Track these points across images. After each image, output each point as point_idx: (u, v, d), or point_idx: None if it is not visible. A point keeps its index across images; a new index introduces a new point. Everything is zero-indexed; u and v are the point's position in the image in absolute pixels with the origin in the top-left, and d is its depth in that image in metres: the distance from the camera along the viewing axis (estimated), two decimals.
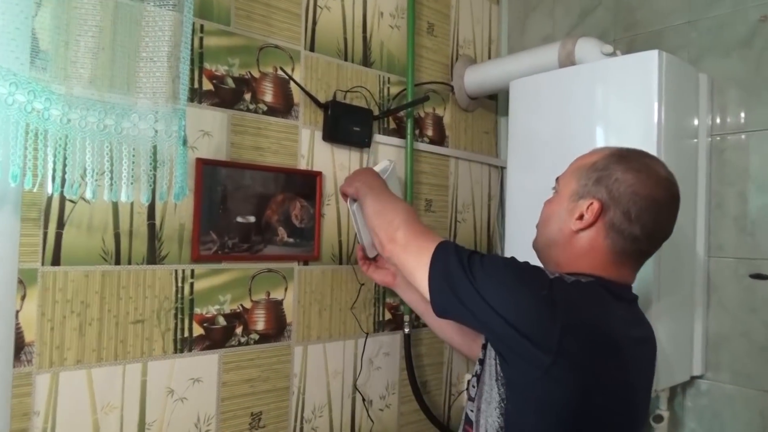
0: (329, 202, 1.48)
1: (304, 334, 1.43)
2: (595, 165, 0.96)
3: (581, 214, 0.94)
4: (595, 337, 0.87)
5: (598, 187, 0.93)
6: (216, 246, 1.27)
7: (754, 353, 1.45)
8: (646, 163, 0.95)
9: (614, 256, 0.94)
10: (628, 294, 0.98)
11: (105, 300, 1.13)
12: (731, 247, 1.50)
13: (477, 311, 0.89)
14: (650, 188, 0.92)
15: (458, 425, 1.75)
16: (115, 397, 1.14)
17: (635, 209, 0.91)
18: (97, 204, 1.11)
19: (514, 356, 0.88)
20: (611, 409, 0.89)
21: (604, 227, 0.93)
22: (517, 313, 0.85)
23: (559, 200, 0.99)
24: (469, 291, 0.90)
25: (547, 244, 1.01)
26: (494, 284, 0.89)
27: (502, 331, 0.87)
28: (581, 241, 0.95)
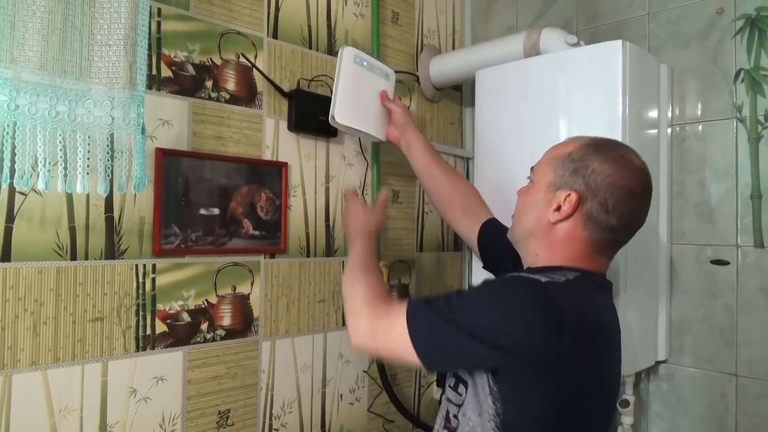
0: (295, 193, 1.45)
1: (271, 329, 1.39)
2: (571, 155, 0.95)
3: (559, 205, 0.94)
4: (596, 338, 0.89)
5: (576, 178, 0.93)
6: (178, 239, 1.22)
7: (715, 337, 1.49)
8: (622, 153, 0.95)
9: (592, 247, 0.94)
10: (605, 282, 0.99)
11: (61, 297, 1.07)
12: (692, 233, 1.54)
13: (474, 352, 0.86)
14: (627, 179, 0.92)
15: (429, 417, 1.75)
16: (74, 399, 1.08)
17: (612, 200, 0.91)
18: (50, 196, 1.05)
19: (515, 375, 0.86)
20: (602, 401, 0.92)
21: (582, 218, 0.93)
22: (518, 338, 0.83)
23: (536, 191, 0.99)
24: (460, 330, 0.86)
25: (525, 235, 1.01)
26: (485, 312, 0.85)
27: (506, 361, 0.85)
28: (559, 232, 0.95)
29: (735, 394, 1.45)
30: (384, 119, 1.47)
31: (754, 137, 1.45)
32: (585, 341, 0.87)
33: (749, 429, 1.42)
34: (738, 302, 1.45)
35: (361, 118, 1.41)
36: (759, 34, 1.44)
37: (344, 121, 1.36)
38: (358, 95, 1.40)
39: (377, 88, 1.45)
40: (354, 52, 1.38)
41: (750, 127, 1.45)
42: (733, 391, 1.45)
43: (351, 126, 1.38)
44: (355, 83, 1.39)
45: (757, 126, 1.44)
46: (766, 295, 1.41)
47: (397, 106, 1.45)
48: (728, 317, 1.46)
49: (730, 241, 1.47)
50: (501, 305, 0.85)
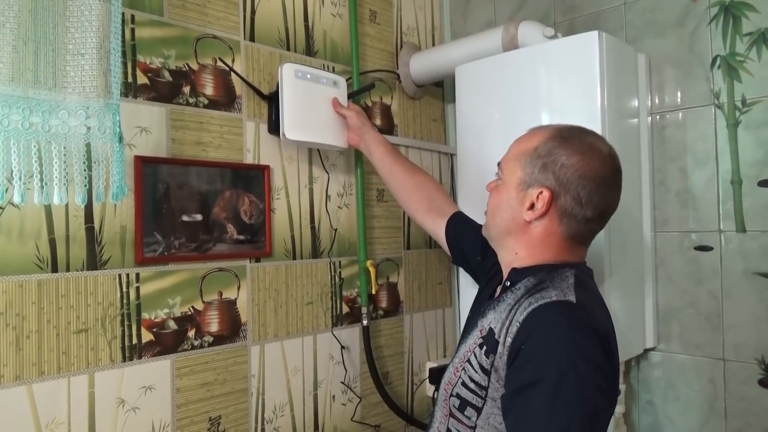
0: (279, 196, 1.44)
1: (260, 333, 1.39)
2: (537, 150, 0.94)
3: (532, 204, 0.93)
4: (610, 338, 0.88)
5: (545, 174, 0.92)
6: (161, 247, 1.21)
7: (702, 322, 1.50)
8: (589, 142, 0.94)
9: (570, 240, 0.95)
10: (589, 270, 1.00)
11: (43, 310, 1.06)
12: (675, 221, 1.55)
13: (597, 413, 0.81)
14: (596, 169, 0.92)
15: (422, 414, 1.76)
16: (61, 413, 1.07)
17: (585, 192, 0.91)
18: (28, 208, 1.04)
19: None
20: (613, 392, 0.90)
21: (557, 214, 0.93)
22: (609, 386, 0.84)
23: (506, 189, 0.98)
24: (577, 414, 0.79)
25: (501, 234, 1.00)
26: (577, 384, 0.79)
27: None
28: (536, 229, 0.95)
29: (723, 378, 1.46)
30: (341, 127, 1.48)
31: (732, 123, 1.46)
32: (610, 349, 0.87)
33: (738, 412, 1.44)
34: (723, 287, 1.46)
35: (316, 131, 1.41)
36: (733, 21, 1.45)
37: (296, 136, 1.37)
38: (307, 109, 1.40)
39: (328, 98, 1.45)
40: (294, 68, 1.38)
41: (728, 113, 1.47)
42: (721, 375, 1.46)
43: (305, 140, 1.39)
44: (301, 98, 1.39)
45: (735, 112, 1.46)
46: (749, 279, 1.42)
47: (350, 111, 1.46)
48: (714, 302, 1.48)
49: (713, 227, 1.48)
50: (579, 361, 0.80)
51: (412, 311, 1.78)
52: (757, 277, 1.41)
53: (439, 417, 0.98)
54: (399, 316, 1.74)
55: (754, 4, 1.42)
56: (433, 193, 1.39)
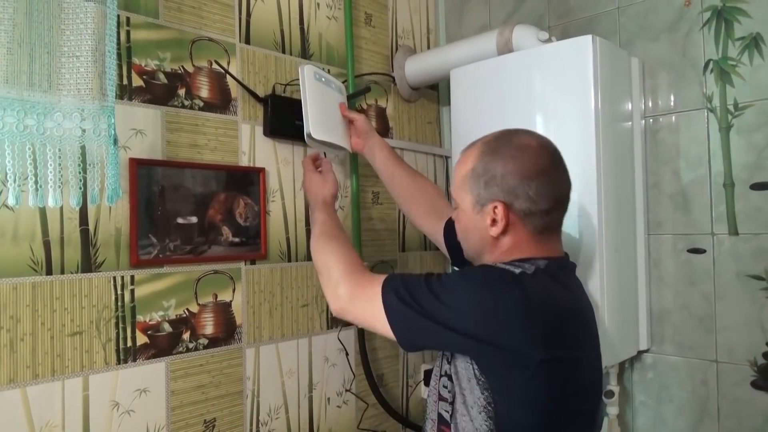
0: (274, 198, 1.45)
1: (255, 336, 1.39)
2: (475, 171, 0.98)
3: (492, 220, 0.97)
4: (572, 323, 0.93)
5: (491, 189, 0.96)
6: (156, 249, 1.21)
7: (695, 324, 1.51)
8: (517, 143, 0.98)
9: (539, 235, 0.98)
10: (569, 264, 1.03)
11: (37, 313, 1.06)
12: (669, 223, 1.56)
13: (447, 337, 0.89)
14: (534, 164, 0.95)
15: (418, 417, 1.76)
16: (55, 416, 1.07)
17: (533, 190, 0.94)
18: (22, 210, 1.04)
19: (497, 365, 0.88)
20: (586, 385, 0.96)
21: (518, 219, 0.96)
22: (495, 329, 0.86)
23: (465, 215, 1.02)
24: (435, 312, 0.89)
25: (478, 254, 1.04)
26: (461, 302, 0.88)
27: (481, 350, 0.87)
28: (505, 240, 0.98)
29: (716, 380, 1.47)
30: (346, 131, 1.49)
31: (724, 127, 1.47)
32: (561, 328, 0.90)
33: (731, 413, 1.45)
34: (716, 289, 1.47)
35: (332, 132, 1.42)
36: (726, 25, 1.46)
37: (320, 136, 1.37)
38: (324, 110, 1.41)
39: (336, 102, 1.47)
40: (313, 69, 1.40)
41: (720, 117, 1.48)
42: (714, 377, 1.47)
43: (326, 140, 1.39)
44: (319, 99, 1.40)
45: (727, 115, 1.47)
46: (741, 282, 1.43)
47: (359, 115, 1.48)
48: (707, 305, 1.49)
49: (706, 229, 1.49)
50: (475, 295, 0.88)
51: None
52: (750, 280, 1.42)
53: (430, 414, 1.01)
54: None
55: (746, 9, 1.43)
56: (433, 197, 1.43)
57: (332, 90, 1.46)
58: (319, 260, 1.13)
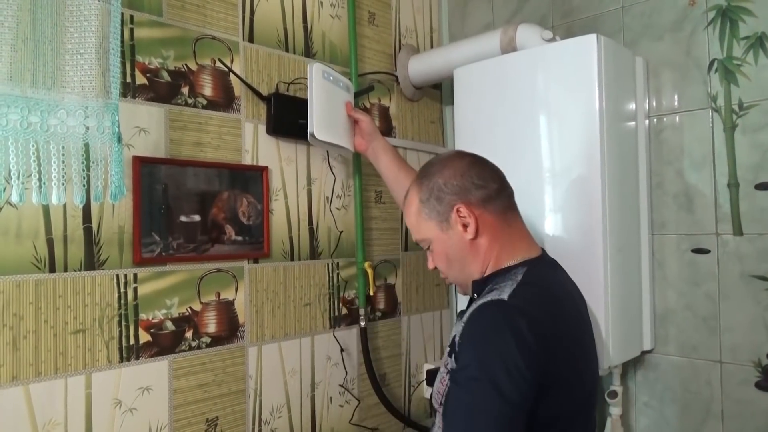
0: (277, 197, 1.44)
1: (257, 334, 1.39)
2: (421, 200, 1.03)
3: (462, 225, 0.99)
4: (565, 334, 0.94)
5: (444, 201, 1.00)
6: (159, 248, 1.21)
7: (699, 325, 1.50)
8: (438, 160, 1.06)
9: (504, 219, 1.02)
10: (548, 259, 1.05)
11: (40, 311, 1.06)
12: (672, 223, 1.55)
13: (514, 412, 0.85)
14: (461, 163, 1.02)
15: (420, 416, 1.76)
16: (58, 413, 1.07)
17: (475, 177, 1.00)
18: (25, 208, 1.04)
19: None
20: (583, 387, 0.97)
21: (481, 208, 0.99)
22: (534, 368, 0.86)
23: (440, 243, 1.03)
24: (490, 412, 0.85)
25: (467, 272, 1.04)
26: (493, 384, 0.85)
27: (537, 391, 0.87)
28: (482, 238, 1.00)
29: (720, 380, 1.46)
30: (351, 130, 1.48)
31: (729, 126, 1.46)
32: (557, 349, 0.91)
33: (734, 414, 1.44)
34: (719, 290, 1.47)
35: (335, 132, 1.42)
36: (730, 24, 1.45)
37: (323, 137, 1.37)
38: (329, 110, 1.41)
39: (342, 101, 1.47)
40: (322, 68, 1.39)
41: (725, 117, 1.47)
42: (718, 377, 1.47)
43: (328, 140, 1.39)
44: (326, 98, 1.40)
45: (732, 115, 1.46)
46: (746, 282, 1.42)
47: (365, 116, 1.48)
48: (711, 305, 1.48)
49: (710, 229, 1.49)
50: (495, 360, 0.86)
51: (409, 313, 1.78)
52: (754, 280, 1.41)
53: (438, 422, 1.00)
54: (396, 317, 1.74)
55: (751, 8, 1.42)
56: None
57: (339, 89, 1.46)
58: None
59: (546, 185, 1.44)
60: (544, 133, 1.47)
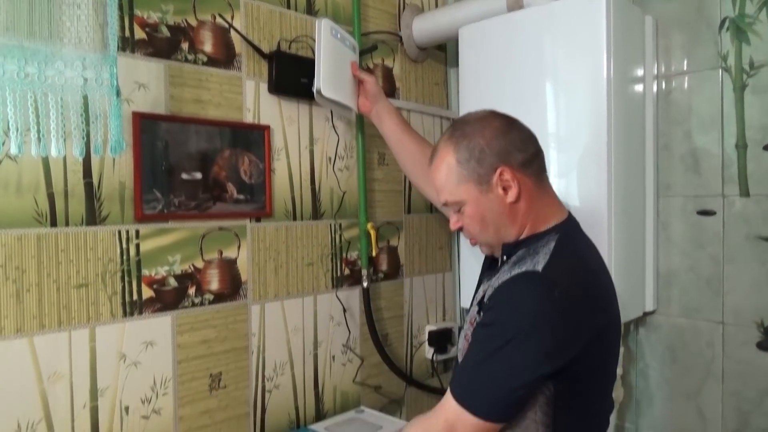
0: (279, 157, 1.44)
1: (260, 293, 1.39)
2: (459, 161, 0.99)
3: (504, 188, 0.97)
4: (597, 294, 0.95)
5: (485, 161, 0.97)
6: (161, 205, 1.21)
7: (702, 286, 1.50)
8: (475, 119, 1.02)
9: (540, 184, 1.01)
10: (573, 221, 1.04)
11: (43, 264, 1.06)
12: (678, 185, 1.54)
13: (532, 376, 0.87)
14: (501, 124, 1.00)
15: (421, 376, 1.77)
16: (63, 365, 1.08)
17: (517, 140, 0.98)
18: (25, 162, 1.03)
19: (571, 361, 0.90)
20: (612, 342, 1.01)
21: (521, 172, 0.97)
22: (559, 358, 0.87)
23: (475, 205, 1.00)
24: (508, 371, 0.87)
25: (501, 235, 1.02)
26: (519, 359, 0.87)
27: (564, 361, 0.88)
28: (521, 202, 0.98)
29: (722, 341, 1.47)
30: (355, 91, 1.46)
31: (739, 86, 1.44)
32: (600, 297, 0.94)
33: (735, 374, 1.44)
34: (724, 251, 1.46)
35: (341, 91, 1.41)
36: None
37: (329, 93, 1.35)
38: (335, 67, 1.39)
39: (348, 60, 1.45)
40: (330, 24, 1.37)
41: (735, 76, 1.44)
42: (719, 338, 1.47)
43: (335, 99, 1.37)
44: (333, 56, 1.38)
45: (742, 75, 1.43)
46: (751, 243, 1.41)
47: (371, 77, 1.46)
48: (715, 267, 1.47)
49: (716, 191, 1.47)
50: (526, 325, 0.87)
51: (412, 275, 1.79)
52: (760, 241, 1.40)
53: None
54: (399, 279, 1.75)
55: None
56: None
57: (346, 48, 1.44)
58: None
59: (552, 149, 1.43)
60: (550, 96, 1.45)
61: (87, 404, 1.11)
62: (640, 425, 1.61)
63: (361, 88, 1.46)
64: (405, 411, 1.75)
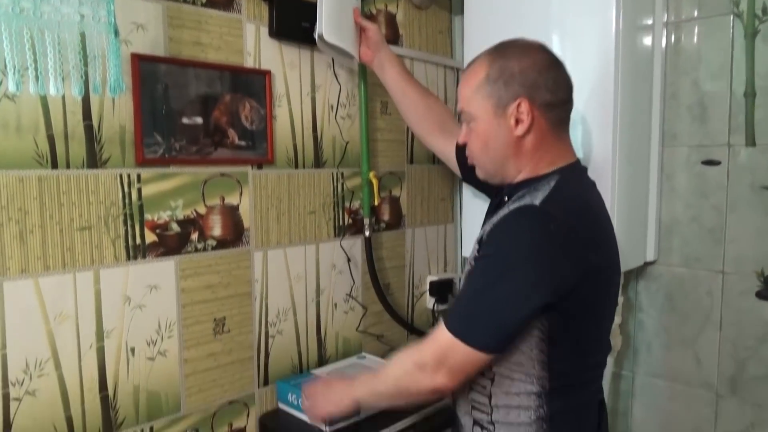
0: (280, 103, 1.42)
1: (262, 240, 1.40)
2: (489, 76, 0.97)
3: (516, 120, 0.96)
4: (594, 230, 0.95)
5: (512, 88, 0.95)
6: (162, 149, 1.20)
7: (704, 236, 1.50)
8: (521, 45, 1.00)
9: (557, 131, 0.99)
10: (580, 167, 1.04)
11: (45, 206, 1.06)
12: (684, 135, 1.52)
13: (527, 308, 0.88)
14: (543, 58, 0.97)
15: (422, 325, 1.79)
16: (68, 306, 1.09)
17: (551, 80, 0.96)
18: (24, 102, 1.02)
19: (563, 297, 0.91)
20: (610, 281, 1.01)
21: (541, 112, 0.96)
22: (551, 290, 0.88)
23: (485, 123, 0.99)
24: (503, 301, 0.89)
25: (500, 164, 1.02)
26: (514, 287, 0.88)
27: (559, 294, 0.89)
28: (529, 139, 0.97)
29: (721, 290, 1.48)
30: (357, 38, 1.43)
31: (750, 33, 1.41)
32: (596, 236, 0.94)
33: (732, 322, 1.46)
34: (728, 201, 1.46)
35: (343, 37, 1.37)
36: None
37: (331, 39, 1.33)
38: (338, 12, 1.36)
39: (350, 6, 1.41)
40: None
41: (747, 22, 1.41)
42: (719, 288, 1.48)
43: (337, 44, 1.34)
44: (335, 0, 1.34)
45: (754, 20, 1.40)
46: (755, 193, 1.41)
47: (373, 24, 1.43)
48: (717, 217, 1.47)
49: (722, 140, 1.46)
50: (522, 256, 0.89)
51: (414, 225, 1.79)
52: (764, 191, 1.40)
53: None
54: (401, 229, 1.75)
55: None
56: (443, 117, 1.42)
57: None
58: (385, 388, 1.04)
59: None
60: (557, 45, 1.41)
61: (93, 345, 1.13)
62: (637, 372, 1.64)
63: (363, 36, 1.43)
64: None
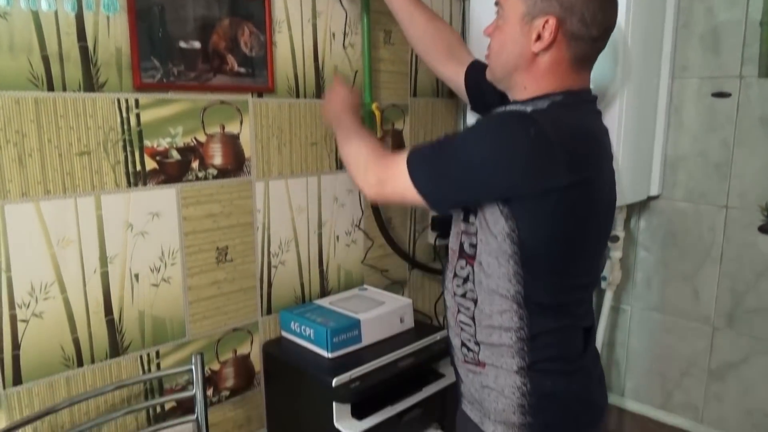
0: (281, 29, 1.37)
1: (264, 170, 1.39)
2: None
3: (539, 35, 0.91)
4: (588, 148, 0.92)
5: (549, 2, 0.90)
6: (159, 73, 1.17)
7: (710, 171, 1.48)
8: None
9: (576, 64, 0.94)
10: (590, 96, 0.99)
11: (43, 129, 1.04)
12: (695, 66, 1.48)
13: (475, 185, 0.90)
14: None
15: (423, 259, 1.80)
16: (71, 231, 1.10)
17: (590, 12, 0.89)
18: (15, 19, 0.99)
19: (523, 200, 0.89)
20: (603, 207, 0.97)
21: (565, 39, 0.91)
22: (519, 172, 0.86)
23: (510, 26, 0.95)
24: (459, 168, 0.90)
25: (509, 71, 0.98)
26: (482, 153, 0.88)
27: (508, 191, 0.88)
28: (544, 59, 0.93)
29: (724, 225, 1.47)
30: None
31: None
32: (578, 152, 0.89)
33: (733, 257, 1.47)
34: (736, 135, 1.43)
35: None
36: None
37: None
38: None
39: None
40: None
41: None
42: (722, 222, 1.48)
43: None
44: None
45: None
46: (764, 126, 1.38)
47: None
48: (725, 151, 1.45)
49: (734, 72, 1.42)
50: (495, 140, 0.88)
51: None
52: None
53: (452, 251, 1.04)
54: None
55: None
56: (453, 42, 1.37)
57: None
58: (346, 153, 1.12)
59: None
60: None
61: (97, 270, 1.14)
62: (635, 306, 1.66)
63: None
64: (407, 292, 1.80)
